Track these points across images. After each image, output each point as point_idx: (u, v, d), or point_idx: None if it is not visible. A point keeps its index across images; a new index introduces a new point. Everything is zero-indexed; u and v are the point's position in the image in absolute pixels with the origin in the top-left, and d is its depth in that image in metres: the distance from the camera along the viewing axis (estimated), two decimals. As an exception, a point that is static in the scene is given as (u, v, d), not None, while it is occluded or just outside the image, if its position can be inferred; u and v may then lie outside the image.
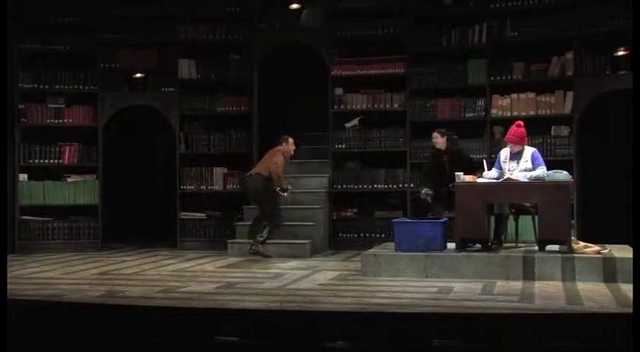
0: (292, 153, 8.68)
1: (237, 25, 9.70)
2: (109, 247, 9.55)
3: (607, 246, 6.99)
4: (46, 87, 9.48)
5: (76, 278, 7.08)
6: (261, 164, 8.60)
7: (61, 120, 9.48)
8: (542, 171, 7.12)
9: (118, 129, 9.85)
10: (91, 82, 9.58)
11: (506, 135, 7.41)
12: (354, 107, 9.54)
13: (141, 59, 9.73)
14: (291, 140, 8.61)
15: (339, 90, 9.59)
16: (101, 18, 9.50)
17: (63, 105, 9.38)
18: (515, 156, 7.31)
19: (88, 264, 8.15)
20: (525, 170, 7.20)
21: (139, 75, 9.81)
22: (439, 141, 8.03)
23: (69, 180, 9.46)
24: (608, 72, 8.58)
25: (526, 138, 7.31)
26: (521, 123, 7.36)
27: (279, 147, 8.57)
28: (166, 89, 9.72)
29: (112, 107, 9.64)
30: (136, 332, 4.86)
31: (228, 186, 9.73)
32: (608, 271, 6.50)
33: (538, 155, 7.26)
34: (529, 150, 7.30)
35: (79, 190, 9.45)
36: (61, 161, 9.46)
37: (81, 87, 9.56)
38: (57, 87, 9.40)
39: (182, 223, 9.62)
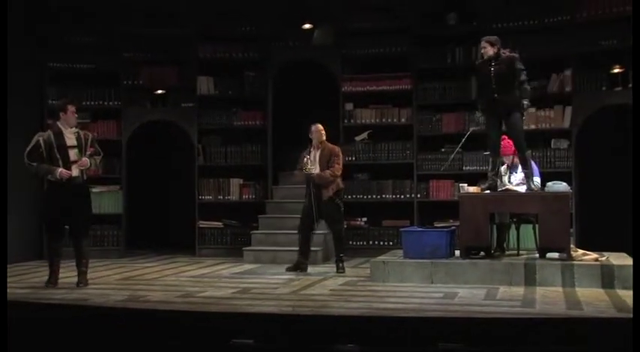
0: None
1: (253, 44, 10.03)
2: (131, 254, 9.82)
3: (604, 253, 7.13)
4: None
5: (100, 283, 7.25)
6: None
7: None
8: (534, 181, 7.35)
9: (140, 142, 10.16)
10: (115, 98, 9.92)
11: (501, 150, 7.61)
12: (363, 121, 9.85)
13: (162, 76, 10.06)
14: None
15: (349, 106, 9.88)
16: (125, 37, 9.84)
17: (88, 121, 9.56)
18: (513, 167, 7.59)
19: (111, 269, 8.38)
20: (522, 179, 7.46)
21: (160, 91, 10.13)
22: (488, 51, 7.25)
23: (94, 190, 9.63)
24: (604, 88, 8.79)
25: None
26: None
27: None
28: (186, 104, 10.06)
29: (134, 122, 9.97)
30: (157, 335, 5.04)
31: (244, 197, 10.05)
32: (606, 277, 6.61)
33: (532, 165, 7.45)
34: None
35: (104, 200, 9.70)
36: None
37: (105, 103, 9.91)
38: (83, 103, 9.55)
39: (200, 231, 9.93)
